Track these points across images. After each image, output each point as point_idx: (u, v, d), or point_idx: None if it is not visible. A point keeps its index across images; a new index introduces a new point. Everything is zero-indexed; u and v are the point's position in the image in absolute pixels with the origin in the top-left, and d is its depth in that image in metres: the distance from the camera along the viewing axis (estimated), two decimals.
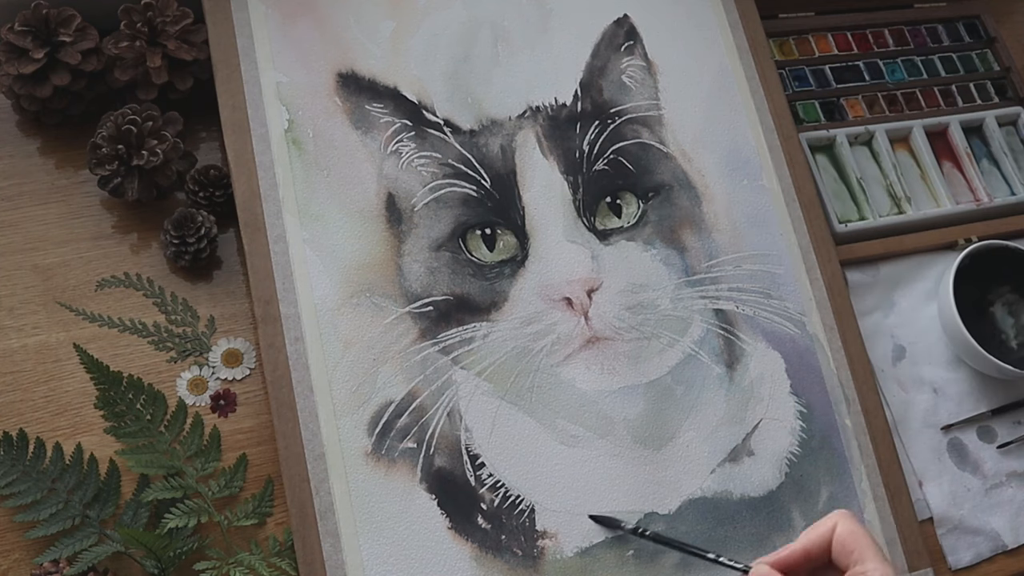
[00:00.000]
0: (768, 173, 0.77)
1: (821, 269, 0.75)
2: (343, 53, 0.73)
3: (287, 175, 0.68)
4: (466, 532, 0.63)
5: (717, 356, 0.70)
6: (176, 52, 0.71)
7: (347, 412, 0.64)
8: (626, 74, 0.77)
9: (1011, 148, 0.90)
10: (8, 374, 0.66)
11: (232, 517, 0.64)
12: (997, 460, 0.77)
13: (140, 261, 0.71)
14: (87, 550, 0.60)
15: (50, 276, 0.69)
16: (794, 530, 0.67)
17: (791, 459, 0.69)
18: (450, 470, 0.64)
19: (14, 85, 0.70)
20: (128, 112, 0.69)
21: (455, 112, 0.73)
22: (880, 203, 0.84)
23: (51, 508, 0.61)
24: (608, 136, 0.74)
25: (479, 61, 0.75)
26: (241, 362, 0.69)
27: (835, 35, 0.92)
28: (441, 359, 0.66)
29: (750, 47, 0.81)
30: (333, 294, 0.66)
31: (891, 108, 0.90)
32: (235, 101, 0.70)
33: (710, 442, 0.68)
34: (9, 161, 0.73)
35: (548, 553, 0.63)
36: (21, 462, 0.62)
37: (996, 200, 0.86)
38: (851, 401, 0.72)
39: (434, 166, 0.71)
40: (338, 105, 0.71)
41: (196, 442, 0.65)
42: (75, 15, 0.71)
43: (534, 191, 0.71)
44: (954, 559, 0.73)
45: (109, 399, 0.65)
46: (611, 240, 0.71)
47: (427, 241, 0.68)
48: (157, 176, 0.70)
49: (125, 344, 0.68)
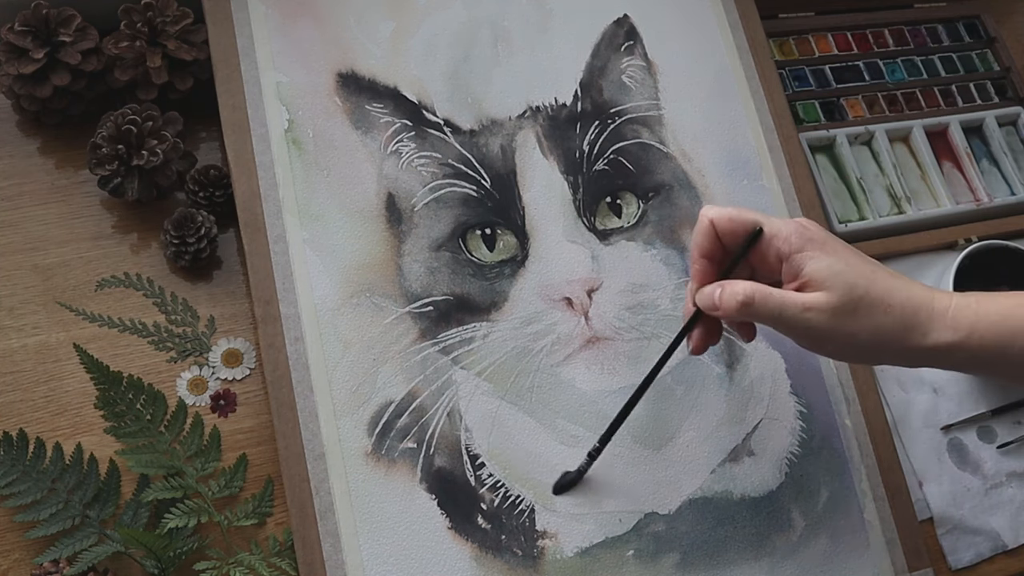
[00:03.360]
0: (768, 173, 0.77)
1: None
2: (343, 53, 0.73)
3: (287, 175, 0.68)
4: (466, 532, 0.63)
5: (717, 356, 0.70)
6: (176, 52, 0.71)
7: (347, 412, 0.64)
8: (626, 74, 0.77)
9: (1011, 148, 0.90)
10: (8, 374, 0.66)
11: (232, 517, 0.64)
12: (997, 460, 0.77)
13: (140, 261, 0.71)
14: (87, 550, 0.60)
15: (50, 276, 0.69)
16: (794, 530, 0.67)
17: (791, 459, 0.69)
18: (450, 470, 0.64)
19: (14, 85, 0.70)
20: (128, 112, 0.69)
21: (455, 112, 0.73)
22: (880, 203, 0.84)
23: (51, 508, 0.61)
24: (608, 136, 0.74)
25: (479, 61, 0.75)
26: (241, 362, 0.69)
27: (835, 35, 0.92)
28: (441, 359, 0.66)
29: (750, 47, 0.81)
30: (333, 294, 0.66)
31: (891, 108, 0.90)
32: (235, 101, 0.70)
33: (710, 442, 0.68)
34: (9, 161, 0.73)
35: (548, 553, 0.63)
36: (21, 462, 0.62)
37: (996, 200, 0.86)
38: (851, 401, 0.72)
39: (434, 166, 0.71)
40: (338, 105, 0.71)
41: (196, 442, 0.66)
42: (75, 15, 0.71)
43: (534, 191, 0.71)
44: (954, 559, 0.73)
45: (109, 399, 0.65)
46: (611, 240, 0.71)
47: (427, 241, 0.68)
48: (157, 176, 0.70)
49: (125, 344, 0.68)
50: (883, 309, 0.55)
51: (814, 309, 0.55)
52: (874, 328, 0.55)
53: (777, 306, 0.55)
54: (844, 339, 0.55)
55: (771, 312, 0.56)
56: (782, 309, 0.55)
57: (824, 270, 0.55)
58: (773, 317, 0.56)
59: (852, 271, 0.55)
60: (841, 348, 0.57)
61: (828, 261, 0.55)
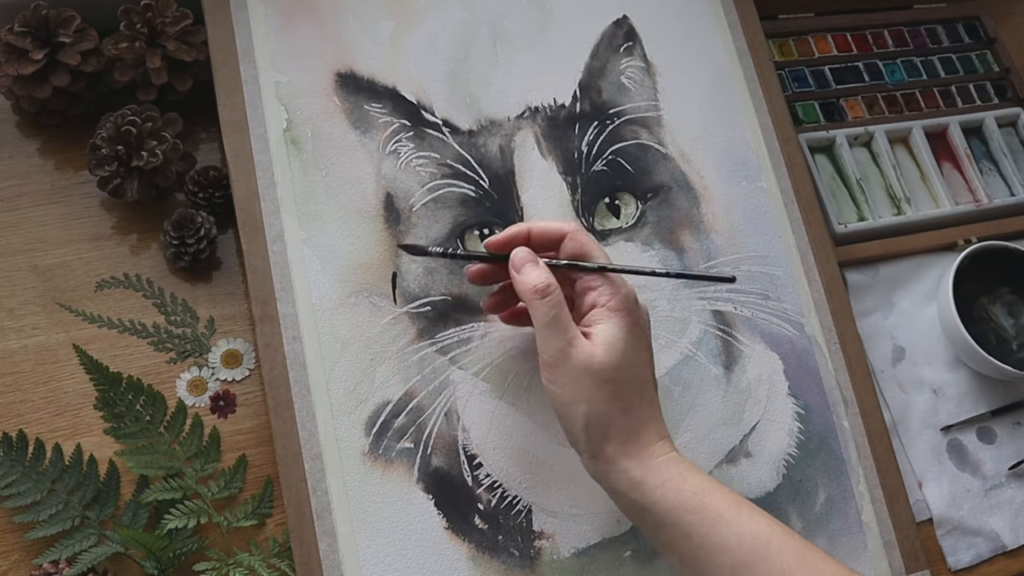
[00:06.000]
0: (767, 174, 0.77)
1: (820, 271, 0.75)
2: (342, 53, 0.73)
3: (285, 175, 0.69)
4: (463, 532, 0.63)
5: (715, 357, 0.70)
6: (176, 53, 0.71)
7: (344, 412, 0.64)
8: (625, 75, 0.77)
9: (1010, 149, 0.89)
10: (8, 375, 0.66)
11: (232, 518, 0.64)
12: (997, 461, 0.77)
13: (140, 262, 0.71)
14: (87, 551, 0.61)
15: (50, 277, 0.70)
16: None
17: (789, 460, 0.69)
18: (447, 470, 0.64)
19: (14, 86, 0.70)
20: (128, 113, 0.69)
21: (454, 112, 0.73)
22: (880, 204, 0.84)
23: (51, 509, 0.62)
24: (607, 137, 0.74)
25: (478, 61, 0.75)
26: (241, 363, 0.69)
27: (834, 36, 0.92)
28: (439, 359, 0.66)
29: (749, 48, 0.81)
30: (331, 294, 0.66)
31: (891, 109, 0.90)
32: (234, 101, 0.70)
33: (707, 443, 0.68)
34: (9, 162, 0.73)
35: (545, 553, 0.63)
36: (21, 463, 0.62)
37: (995, 201, 0.86)
38: (849, 403, 0.72)
39: (432, 166, 0.71)
40: (337, 105, 0.71)
41: (196, 443, 0.66)
42: (75, 16, 0.71)
43: (533, 191, 0.71)
44: (954, 560, 0.73)
45: (109, 400, 0.65)
46: (610, 241, 0.71)
47: (425, 241, 0.68)
48: (157, 177, 0.70)
49: (125, 345, 0.68)
50: (625, 403, 0.55)
51: (593, 357, 0.54)
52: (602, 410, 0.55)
53: (564, 328, 0.55)
54: (579, 394, 0.55)
55: (553, 326, 0.55)
56: (567, 336, 0.55)
57: (615, 340, 0.55)
58: (547, 328, 0.55)
59: (634, 357, 0.56)
60: (566, 397, 0.56)
61: (624, 336, 0.55)
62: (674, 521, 0.53)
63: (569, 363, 0.55)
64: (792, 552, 0.51)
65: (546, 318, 0.55)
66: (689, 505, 0.53)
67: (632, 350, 0.56)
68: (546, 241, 0.60)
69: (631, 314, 0.56)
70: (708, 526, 0.52)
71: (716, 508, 0.52)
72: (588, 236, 0.59)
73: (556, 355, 0.55)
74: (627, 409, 0.55)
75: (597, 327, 0.56)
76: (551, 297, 0.55)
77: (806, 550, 0.51)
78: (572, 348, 0.55)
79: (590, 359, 0.54)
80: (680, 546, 0.53)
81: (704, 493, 0.53)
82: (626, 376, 0.55)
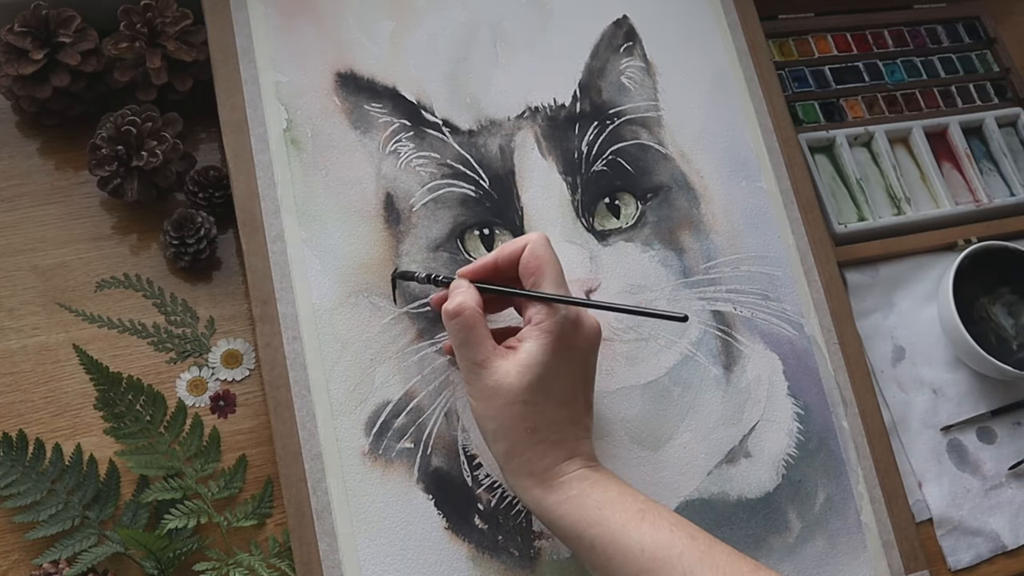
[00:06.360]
0: (767, 174, 0.77)
1: (819, 271, 0.75)
2: (342, 53, 0.73)
3: (285, 175, 0.69)
4: (463, 532, 0.63)
5: (715, 357, 0.70)
6: (176, 53, 0.71)
7: (344, 412, 0.64)
8: (625, 75, 0.77)
9: (1010, 149, 0.89)
10: (8, 375, 0.66)
11: (232, 518, 0.64)
12: (997, 461, 0.77)
13: (140, 262, 0.71)
14: (87, 551, 0.61)
15: (50, 277, 0.70)
16: (791, 532, 0.67)
17: (788, 461, 0.69)
18: (447, 470, 0.64)
19: (14, 86, 0.70)
20: (128, 113, 0.69)
21: (454, 112, 0.73)
22: (879, 204, 0.84)
23: (51, 509, 0.62)
24: (607, 137, 0.74)
25: (478, 61, 0.75)
26: (241, 363, 0.69)
27: (834, 36, 0.92)
28: (439, 359, 0.66)
29: (749, 48, 0.81)
30: (331, 294, 0.66)
31: (891, 109, 0.90)
32: (234, 100, 0.70)
33: (707, 443, 0.68)
34: (9, 162, 0.73)
35: (544, 554, 0.63)
36: (21, 463, 0.63)
37: (995, 201, 0.86)
38: (848, 403, 0.72)
39: (432, 166, 0.71)
40: (337, 105, 0.71)
41: (196, 443, 0.66)
42: (75, 16, 0.71)
43: (533, 191, 0.71)
44: (954, 560, 0.73)
45: (109, 400, 0.65)
46: (609, 241, 0.71)
47: (425, 241, 0.68)
48: (157, 177, 0.70)
49: (125, 345, 0.69)
50: (532, 423, 0.56)
51: (505, 378, 0.55)
52: (509, 427, 0.56)
53: (475, 347, 0.56)
54: (487, 410, 0.57)
55: (465, 346, 0.57)
56: (479, 357, 0.56)
57: (534, 362, 0.56)
58: (460, 349, 0.57)
59: (553, 381, 0.56)
60: (479, 411, 0.58)
61: (544, 359, 0.56)
62: (578, 534, 0.55)
63: (480, 382, 0.57)
64: (694, 554, 0.53)
65: (456, 340, 0.57)
66: (591, 519, 0.55)
67: (551, 373, 0.56)
68: (512, 262, 0.59)
69: (561, 337, 0.57)
70: (609, 537, 0.54)
71: (617, 519, 0.54)
72: (544, 248, 0.59)
73: (468, 374, 0.57)
74: (535, 430, 0.56)
75: (522, 345, 0.57)
76: (460, 318, 0.57)
77: (709, 549, 0.53)
78: (483, 369, 0.56)
79: (501, 380, 0.56)
80: (588, 557, 0.55)
81: (606, 506, 0.55)
82: (538, 399, 0.56)
